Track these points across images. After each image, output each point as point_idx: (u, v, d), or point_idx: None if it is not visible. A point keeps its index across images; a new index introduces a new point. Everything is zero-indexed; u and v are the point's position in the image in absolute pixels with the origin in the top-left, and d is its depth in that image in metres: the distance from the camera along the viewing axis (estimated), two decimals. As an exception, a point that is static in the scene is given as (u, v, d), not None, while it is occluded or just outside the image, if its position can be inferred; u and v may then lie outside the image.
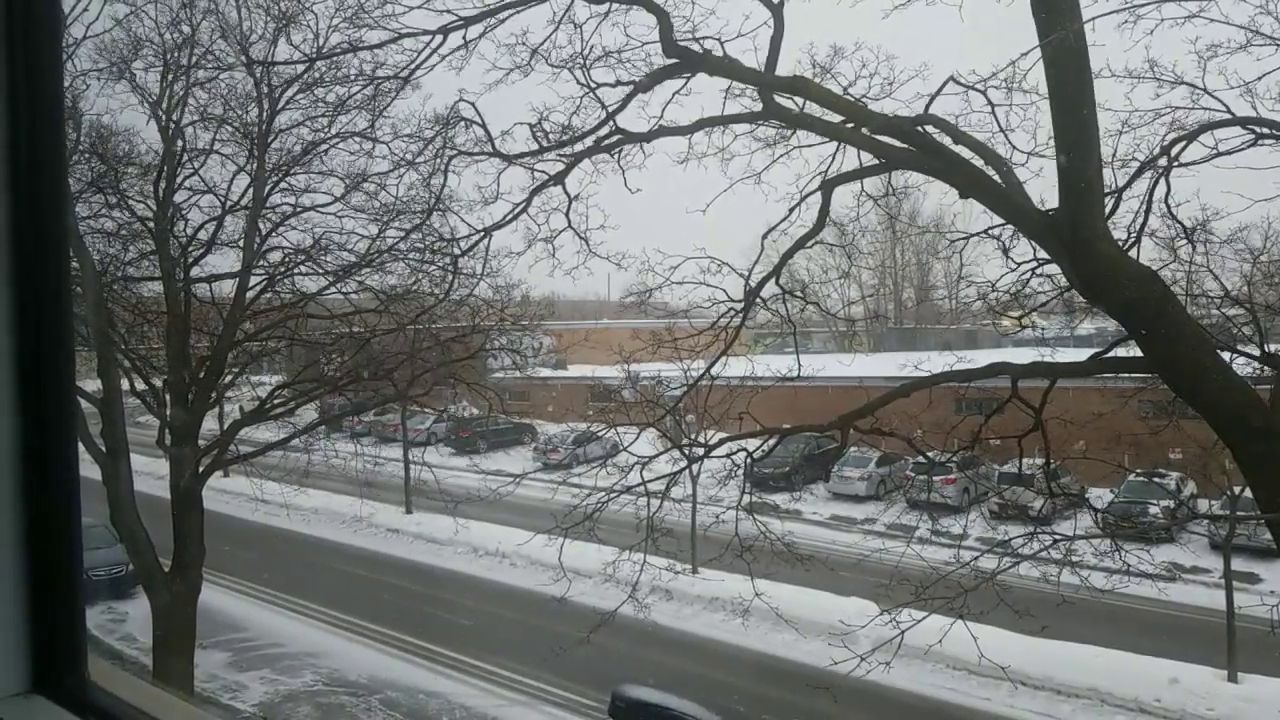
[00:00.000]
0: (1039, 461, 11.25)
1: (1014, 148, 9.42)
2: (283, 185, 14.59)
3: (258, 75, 13.66)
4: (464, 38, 9.59)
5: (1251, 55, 9.04)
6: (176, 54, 13.69)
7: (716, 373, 11.08)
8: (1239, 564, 20.21)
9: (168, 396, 14.83)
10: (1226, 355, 9.42)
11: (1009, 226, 9.84)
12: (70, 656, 1.59)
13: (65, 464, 1.62)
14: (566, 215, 10.73)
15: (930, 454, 11.82)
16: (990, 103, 9.36)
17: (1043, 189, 8.31)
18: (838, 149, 9.90)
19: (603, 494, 10.73)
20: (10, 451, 1.53)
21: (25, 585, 1.54)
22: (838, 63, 9.89)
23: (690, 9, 9.52)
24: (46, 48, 1.62)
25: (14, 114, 1.55)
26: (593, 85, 9.89)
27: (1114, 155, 9.77)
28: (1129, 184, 9.88)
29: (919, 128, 9.00)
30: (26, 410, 1.55)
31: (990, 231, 10.52)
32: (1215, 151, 9.47)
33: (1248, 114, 9.35)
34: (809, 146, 10.26)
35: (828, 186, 9.93)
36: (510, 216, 10.70)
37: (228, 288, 15.22)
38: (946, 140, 9.00)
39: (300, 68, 13.42)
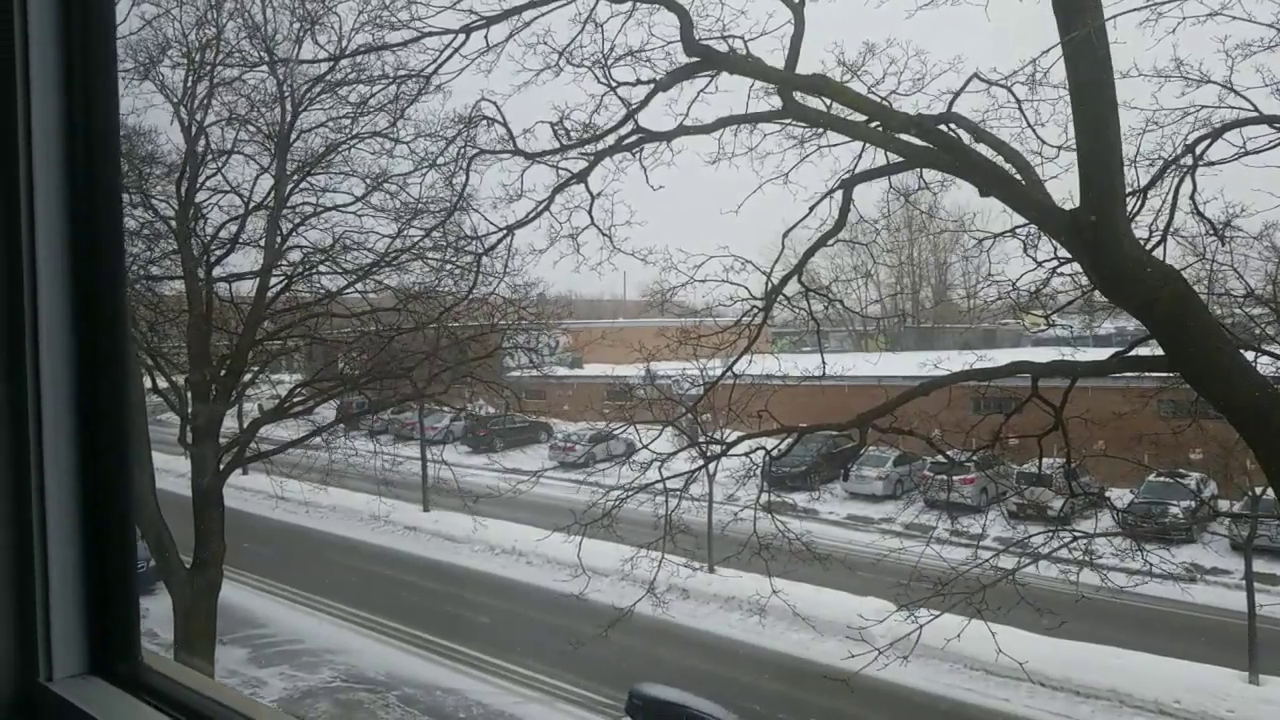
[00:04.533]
0: (1059, 461, 11.19)
1: (1043, 142, 9.38)
2: (304, 185, 14.72)
3: (281, 75, 13.77)
4: (486, 38, 9.65)
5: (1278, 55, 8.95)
6: (201, 54, 13.82)
7: (738, 371, 11.09)
8: (1260, 565, 20.07)
9: (189, 394, 14.97)
10: (1250, 354, 9.33)
11: (1030, 225, 9.79)
12: (125, 641, 1.64)
13: (120, 458, 1.66)
14: (589, 213, 10.77)
15: (949, 453, 11.78)
16: (1016, 99, 9.32)
17: (1073, 183, 8.25)
18: (864, 147, 9.87)
19: (620, 491, 10.77)
20: (70, 446, 1.58)
21: (83, 573, 1.59)
22: (867, 59, 9.83)
23: (720, 9, 9.51)
24: (100, 47, 1.66)
25: (69, 112, 1.59)
26: (614, 84, 9.93)
27: (1138, 153, 9.69)
28: (1153, 183, 9.79)
29: (940, 126, 8.98)
30: (84, 406, 1.59)
31: (1014, 231, 10.47)
32: (1243, 150, 9.36)
33: (1276, 113, 9.23)
34: (836, 146, 10.25)
35: (848, 185, 9.92)
36: (533, 214, 10.77)
37: (248, 287, 15.37)
38: (969, 139, 8.97)
39: (323, 67, 13.53)
